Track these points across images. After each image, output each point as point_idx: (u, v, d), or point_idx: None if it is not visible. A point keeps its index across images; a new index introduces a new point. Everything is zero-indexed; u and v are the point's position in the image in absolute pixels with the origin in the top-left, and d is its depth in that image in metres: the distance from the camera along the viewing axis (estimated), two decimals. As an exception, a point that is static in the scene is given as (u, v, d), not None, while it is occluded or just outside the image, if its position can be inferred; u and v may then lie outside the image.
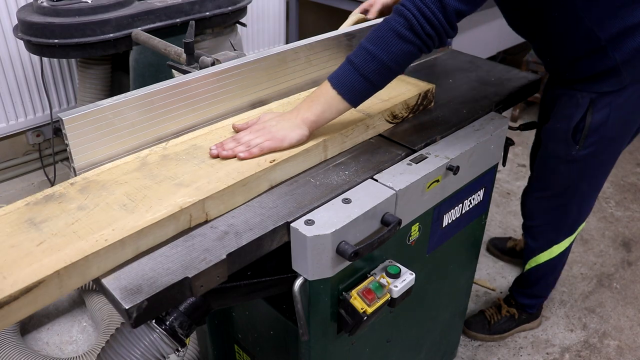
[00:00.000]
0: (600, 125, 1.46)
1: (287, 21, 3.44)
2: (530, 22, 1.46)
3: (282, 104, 1.29)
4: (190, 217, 0.93)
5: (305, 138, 1.11)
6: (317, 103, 1.11)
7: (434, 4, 1.04)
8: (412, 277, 1.10)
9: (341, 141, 1.18)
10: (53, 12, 1.92)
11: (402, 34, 1.04)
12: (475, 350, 2.02)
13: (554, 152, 1.60)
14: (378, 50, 1.05)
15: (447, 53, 1.79)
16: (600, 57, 1.36)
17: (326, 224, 0.97)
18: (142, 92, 1.07)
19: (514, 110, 3.49)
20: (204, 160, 1.06)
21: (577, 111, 1.47)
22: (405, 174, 1.12)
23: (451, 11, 1.05)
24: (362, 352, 1.27)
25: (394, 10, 1.08)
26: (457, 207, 1.34)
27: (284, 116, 1.13)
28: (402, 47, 1.05)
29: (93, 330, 2.05)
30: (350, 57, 1.09)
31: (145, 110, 1.08)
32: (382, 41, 1.05)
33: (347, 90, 1.09)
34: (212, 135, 1.16)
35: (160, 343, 0.97)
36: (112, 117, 1.03)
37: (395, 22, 1.05)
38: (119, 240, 0.84)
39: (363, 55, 1.07)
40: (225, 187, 0.97)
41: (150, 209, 0.91)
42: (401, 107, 1.30)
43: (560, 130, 1.54)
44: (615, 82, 1.39)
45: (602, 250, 2.53)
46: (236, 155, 1.06)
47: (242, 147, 1.08)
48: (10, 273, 0.77)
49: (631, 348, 2.04)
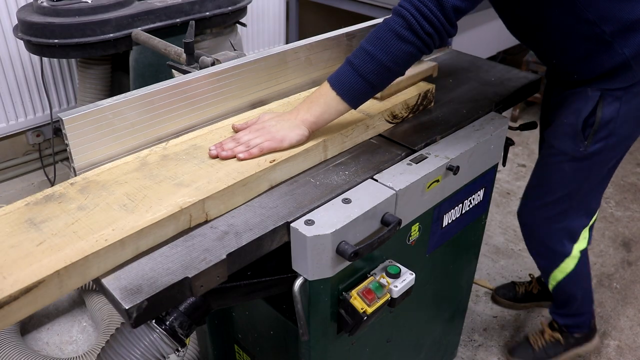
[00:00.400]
0: (611, 120, 1.40)
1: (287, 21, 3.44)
2: (531, 25, 1.43)
3: (282, 104, 1.29)
4: (190, 217, 0.93)
5: (304, 138, 1.10)
6: (317, 104, 1.10)
7: (431, 3, 1.03)
8: (412, 277, 1.10)
9: (341, 141, 1.17)
10: (53, 12, 1.92)
11: (402, 34, 1.04)
12: (475, 350, 2.02)
13: (560, 150, 1.51)
14: (377, 51, 1.05)
15: (447, 53, 1.79)
16: (609, 55, 1.32)
17: (326, 224, 0.97)
18: (142, 92, 1.07)
19: (514, 110, 3.49)
20: (203, 161, 1.06)
21: (586, 105, 1.41)
22: (405, 174, 1.12)
23: (449, 9, 1.03)
24: (362, 352, 1.27)
25: (393, 11, 1.07)
26: (457, 207, 1.34)
27: (284, 116, 1.12)
28: (401, 47, 1.04)
29: (93, 330, 2.05)
30: (349, 58, 1.09)
31: (145, 110, 1.08)
32: (381, 42, 1.05)
33: (347, 92, 1.08)
34: (212, 135, 1.16)
35: (160, 343, 0.97)
36: (112, 117, 1.03)
37: (394, 22, 1.04)
38: (118, 240, 0.84)
39: (362, 56, 1.06)
40: (225, 187, 0.97)
41: (150, 209, 0.91)
42: (401, 107, 1.30)
43: (568, 125, 1.47)
44: (627, 78, 1.35)
45: (602, 250, 2.53)
46: (236, 155, 1.06)
47: (242, 147, 1.07)
48: (10, 273, 0.77)
49: (631, 348, 2.04)
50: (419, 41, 1.04)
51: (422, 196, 1.16)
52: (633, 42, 1.29)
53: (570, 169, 1.52)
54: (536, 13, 1.36)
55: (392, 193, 1.06)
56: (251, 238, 0.92)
